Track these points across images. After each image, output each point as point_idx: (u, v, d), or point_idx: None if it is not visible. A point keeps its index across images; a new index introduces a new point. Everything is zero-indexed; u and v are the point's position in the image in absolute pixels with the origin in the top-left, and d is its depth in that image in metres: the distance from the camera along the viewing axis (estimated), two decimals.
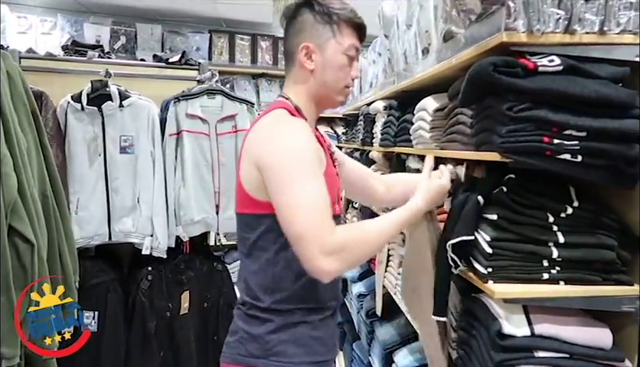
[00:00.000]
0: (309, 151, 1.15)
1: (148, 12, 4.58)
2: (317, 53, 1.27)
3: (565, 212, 1.19)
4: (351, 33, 1.29)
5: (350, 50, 1.29)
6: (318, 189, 1.10)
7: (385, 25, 2.21)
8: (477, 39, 1.22)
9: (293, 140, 1.15)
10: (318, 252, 1.04)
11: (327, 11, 1.27)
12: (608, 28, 1.10)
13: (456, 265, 1.29)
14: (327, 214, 1.09)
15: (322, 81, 1.29)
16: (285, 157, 1.13)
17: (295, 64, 1.30)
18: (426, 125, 1.65)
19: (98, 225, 2.42)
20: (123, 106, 2.42)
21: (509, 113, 1.08)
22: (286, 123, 1.22)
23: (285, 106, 1.27)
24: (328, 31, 1.27)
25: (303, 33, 1.28)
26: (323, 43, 1.27)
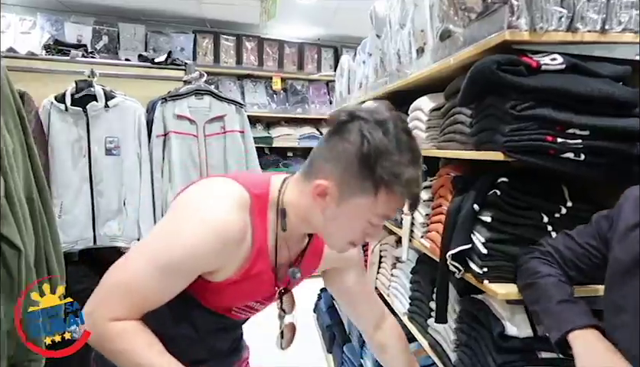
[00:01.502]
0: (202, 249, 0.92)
1: (130, 12, 4.50)
2: (333, 198, 0.94)
3: (559, 212, 1.20)
4: (393, 206, 0.95)
5: (376, 219, 0.97)
6: (159, 283, 0.92)
7: (377, 25, 2.19)
8: (477, 38, 1.21)
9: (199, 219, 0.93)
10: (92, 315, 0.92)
11: (374, 163, 0.89)
12: (610, 27, 1.10)
13: (459, 271, 1.28)
14: (137, 304, 0.92)
15: (325, 224, 0.99)
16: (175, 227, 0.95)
17: (308, 182, 0.98)
18: (422, 125, 1.64)
19: (82, 229, 2.36)
20: (109, 107, 2.37)
21: (512, 112, 1.07)
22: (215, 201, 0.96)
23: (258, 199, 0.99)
24: (365, 186, 0.92)
25: (333, 164, 0.94)
26: (349, 194, 0.93)
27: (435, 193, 1.57)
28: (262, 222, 1.00)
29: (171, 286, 0.94)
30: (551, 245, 1.11)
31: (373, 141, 0.89)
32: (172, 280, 0.93)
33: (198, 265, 0.95)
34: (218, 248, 0.92)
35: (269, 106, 5.11)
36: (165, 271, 0.91)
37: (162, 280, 0.92)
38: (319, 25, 4.99)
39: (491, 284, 1.17)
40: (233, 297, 1.05)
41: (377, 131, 0.89)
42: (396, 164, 0.89)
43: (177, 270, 0.92)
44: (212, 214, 0.92)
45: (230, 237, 0.93)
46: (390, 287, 2.09)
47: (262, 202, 1.00)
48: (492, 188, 1.20)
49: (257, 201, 0.99)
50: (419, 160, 0.94)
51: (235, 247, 0.95)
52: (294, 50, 5.28)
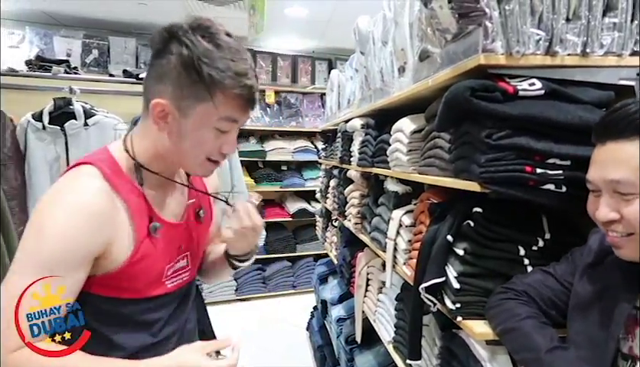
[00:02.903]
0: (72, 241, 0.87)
1: (121, 25, 4.46)
2: (174, 116, 0.94)
3: (537, 245, 1.13)
4: (231, 104, 0.94)
5: (222, 124, 0.95)
6: None
7: (361, 41, 2.14)
8: (454, 59, 1.14)
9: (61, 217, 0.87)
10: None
11: (200, 65, 0.89)
12: (592, 50, 1.04)
13: (433, 304, 1.21)
14: None
15: (176, 148, 0.97)
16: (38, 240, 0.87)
17: (147, 114, 0.97)
18: (403, 148, 1.57)
19: None
20: (88, 125, 2.31)
21: (488, 141, 1.00)
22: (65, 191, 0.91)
23: (102, 164, 0.95)
24: (199, 92, 0.91)
25: (163, 82, 0.93)
26: (186, 106, 0.93)
27: (417, 219, 1.50)
28: (127, 184, 0.96)
29: None
30: (526, 283, 1.04)
31: (193, 45, 0.89)
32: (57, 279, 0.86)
33: (79, 255, 0.89)
34: (89, 227, 0.88)
35: (263, 119, 5.05)
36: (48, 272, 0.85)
37: None
38: (313, 38, 4.95)
39: (465, 320, 1.11)
40: (149, 270, 0.99)
41: (195, 36, 0.90)
42: (221, 59, 0.90)
43: (59, 268, 0.86)
44: (70, 199, 0.88)
45: (97, 212, 0.89)
46: (377, 312, 2.01)
47: (111, 166, 0.96)
48: (467, 218, 1.13)
49: (101, 163, 0.95)
50: (244, 55, 0.94)
51: (109, 221, 0.91)
52: (287, 63, 5.24)
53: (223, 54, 0.91)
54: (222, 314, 3.81)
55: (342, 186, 2.77)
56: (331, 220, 3.46)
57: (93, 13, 4.17)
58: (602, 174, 0.83)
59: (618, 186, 0.80)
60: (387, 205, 1.87)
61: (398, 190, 1.81)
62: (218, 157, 1.01)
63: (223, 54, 0.90)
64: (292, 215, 4.97)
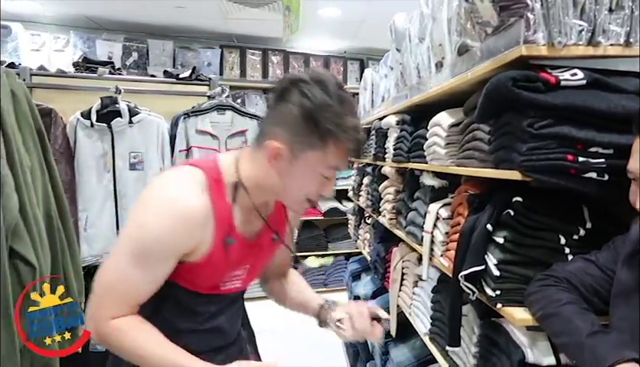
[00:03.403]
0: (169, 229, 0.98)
1: (159, 28, 4.61)
2: (286, 158, 1.02)
3: (578, 234, 1.14)
4: (340, 154, 1.02)
5: (328, 171, 1.04)
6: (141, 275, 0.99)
7: (397, 39, 2.17)
8: (494, 52, 1.17)
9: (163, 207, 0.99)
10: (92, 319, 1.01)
11: (317, 117, 0.98)
12: (635, 40, 1.05)
13: (473, 292, 1.23)
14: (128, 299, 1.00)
15: (281, 185, 1.06)
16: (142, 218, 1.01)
17: (259, 148, 1.05)
18: (441, 141, 1.59)
19: (107, 243, 2.40)
20: (133, 122, 2.41)
21: (530, 130, 1.02)
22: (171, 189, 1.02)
23: (211, 172, 1.05)
24: (313, 141, 1.00)
25: (281, 126, 1.02)
26: (299, 151, 1.01)
27: (454, 211, 1.52)
28: (222, 199, 1.06)
29: (151, 275, 1.01)
30: (568, 270, 1.05)
31: (314, 97, 0.98)
32: (150, 269, 1.00)
33: (169, 251, 1.01)
34: (183, 231, 0.99)
35: None
36: (141, 263, 0.98)
37: (141, 272, 0.99)
38: (345, 38, 5.00)
39: (506, 307, 1.13)
40: (212, 273, 1.10)
41: (315, 89, 0.99)
42: (337, 114, 0.99)
43: (151, 259, 0.99)
44: (172, 201, 0.99)
45: (192, 219, 1.00)
46: (412, 305, 2.04)
47: (215, 175, 1.06)
48: (507, 207, 1.15)
49: (211, 174, 1.05)
50: (354, 110, 1.04)
51: (200, 227, 1.02)
52: (320, 63, 5.30)
53: (339, 109, 0.99)
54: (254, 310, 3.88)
55: (376, 183, 2.80)
56: (364, 217, 3.49)
57: (132, 17, 4.33)
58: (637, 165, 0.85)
59: None
60: (424, 199, 1.89)
61: (435, 184, 1.84)
62: (316, 198, 1.10)
63: (338, 109, 0.99)
64: (323, 213, 5.02)
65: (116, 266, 1.00)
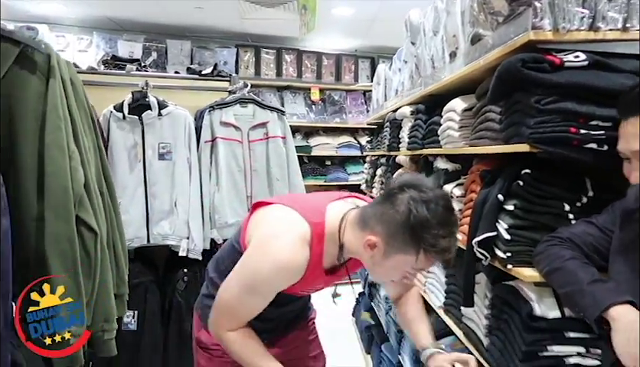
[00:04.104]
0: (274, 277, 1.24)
1: (177, 29, 4.77)
2: (380, 251, 1.19)
3: (580, 201, 1.26)
4: (428, 264, 1.20)
5: (412, 271, 1.23)
6: (250, 303, 1.28)
7: (412, 33, 2.30)
8: (504, 39, 1.30)
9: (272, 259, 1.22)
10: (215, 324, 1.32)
11: (417, 232, 1.12)
12: (631, 25, 1.18)
13: (485, 257, 1.36)
14: (239, 319, 1.30)
15: (372, 267, 1.26)
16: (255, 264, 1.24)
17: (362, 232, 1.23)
18: (455, 125, 1.72)
19: (137, 228, 2.54)
20: (162, 115, 2.56)
21: (537, 106, 1.15)
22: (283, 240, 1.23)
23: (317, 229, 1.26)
24: (407, 248, 1.15)
25: (383, 225, 1.17)
26: (392, 250, 1.17)
27: (467, 189, 1.65)
28: (319, 248, 1.27)
29: (259, 304, 1.29)
30: (571, 232, 1.18)
31: (418, 216, 1.12)
32: (257, 300, 1.28)
33: (274, 290, 1.28)
34: (288, 277, 1.26)
35: (308, 116, 5.27)
36: (251, 295, 1.27)
37: (251, 301, 1.28)
38: (356, 37, 5.13)
39: (516, 267, 1.25)
40: (295, 290, 1.35)
41: (422, 207, 1.13)
42: (435, 236, 1.12)
43: (259, 294, 1.27)
44: (283, 256, 1.22)
45: (296, 270, 1.25)
46: (427, 283, 2.16)
47: (319, 231, 1.27)
48: (516, 179, 1.28)
49: (315, 230, 1.26)
50: (454, 232, 1.17)
51: (296, 274, 1.26)
52: (332, 62, 5.45)
53: (437, 230, 1.12)
54: None
55: (390, 173, 2.93)
56: None
57: (152, 18, 4.50)
58: (628, 146, 0.98)
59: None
60: (438, 182, 2.02)
61: (448, 168, 1.97)
62: (399, 281, 1.37)
63: (437, 230, 1.12)
64: None
65: (233, 292, 1.27)
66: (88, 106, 1.49)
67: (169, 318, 2.64)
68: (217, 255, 1.52)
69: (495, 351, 1.37)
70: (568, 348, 1.21)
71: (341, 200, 1.38)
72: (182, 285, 2.66)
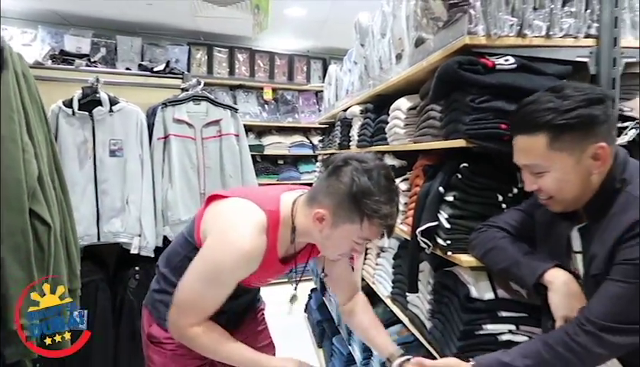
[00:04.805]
0: (236, 266, 1.27)
1: (128, 25, 4.69)
2: (328, 223, 1.26)
3: (512, 192, 1.39)
4: (373, 232, 1.26)
5: (359, 241, 1.28)
6: (213, 295, 1.30)
7: (361, 35, 2.40)
8: (444, 43, 1.41)
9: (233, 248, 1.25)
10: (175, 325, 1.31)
11: (359, 200, 1.20)
12: (554, 33, 1.31)
13: (428, 246, 1.46)
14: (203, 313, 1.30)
15: (322, 241, 1.32)
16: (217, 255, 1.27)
17: (311, 208, 1.29)
18: (401, 123, 1.83)
19: (87, 226, 2.51)
20: (113, 111, 2.54)
21: (472, 104, 1.27)
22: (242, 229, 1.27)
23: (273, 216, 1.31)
24: (352, 217, 1.23)
25: (329, 198, 1.25)
26: (338, 221, 1.25)
27: (412, 183, 1.76)
28: (275, 234, 1.33)
29: (222, 295, 1.31)
30: (500, 218, 1.31)
31: (360, 184, 1.21)
32: (221, 290, 1.30)
33: (237, 279, 1.31)
34: (248, 266, 1.29)
35: (261, 116, 5.30)
36: (212, 287, 1.29)
37: (212, 293, 1.30)
38: (308, 38, 5.21)
39: (455, 254, 1.36)
40: (250, 281, 1.39)
41: (364, 176, 1.21)
42: (377, 203, 1.21)
43: (223, 285, 1.30)
44: (243, 244, 1.25)
45: (256, 258, 1.29)
46: (375, 274, 2.26)
47: (274, 218, 1.32)
48: (455, 173, 1.39)
49: (271, 217, 1.31)
50: (394, 200, 1.26)
51: (255, 261, 1.30)
52: (284, 62, 5.50)
53: (379, 196, 1.21)
54: None
55: None
56: None
57: (101, 13, 4.40)
58: (518, 160, 1.11)
59: (529, 168, 1.09)
60: None
61: (395, 164, 2.07)
62: (348, 255, 1.40)
63: (378, 196, 1.21)
64: None
65: (193, 287, 1.29)
66: (40, 100, 1.48)
67: (120, 317, 2.62)
68: (169, 250, 1.52)
69: (437, 332, 1.47)
70: (501, 326, 1.33)
71: (293, 191, 1.44)
72: (134, 283, 2.64)
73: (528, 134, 1.06)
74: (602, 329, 0.99)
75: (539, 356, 1.04)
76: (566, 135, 1.02)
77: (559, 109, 1.02)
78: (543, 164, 1.06)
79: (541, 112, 1.03)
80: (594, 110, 1.02)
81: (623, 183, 1.05)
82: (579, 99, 1.02)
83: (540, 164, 1.06)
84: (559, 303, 1.10)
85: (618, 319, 0.98)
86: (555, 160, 1.04)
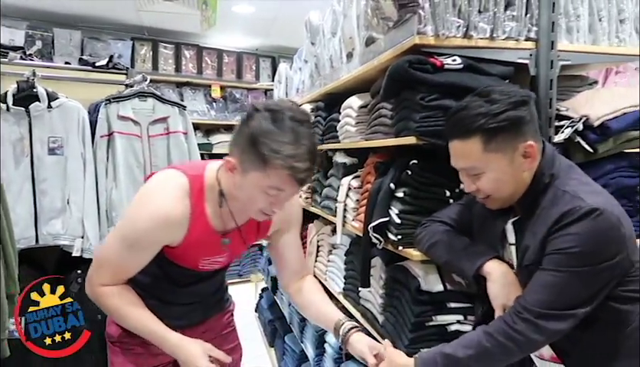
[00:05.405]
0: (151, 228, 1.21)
1: (66, 17, 4.47)
2: (239, 172, 1.18)
3: (458, 188, 1.44)
4: (280, 178, 1.13)
5: (271, 191, 1.16)
6: (130, 257, 1.25)
7: (312, 33, 2.41)
8: (394, 43, 1.44)
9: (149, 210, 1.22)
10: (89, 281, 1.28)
11: (258, 143, 1.11)
12: (497, 35, 1.37)
13: (380, 241, 1.49)
14: (117, 274, 1.26)
15: (238, 196, 1.24)
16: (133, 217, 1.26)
17: None
18: (352, 121, 1.85)
19: (24, 228, 2.37)
20: (52, 107, 2.42)
21: (422, 102, 1.30)
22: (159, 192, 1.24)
23: (196, 181, 1.25)
24: (256, 163, 1.13)
25: (237, 145, 1.18)
26: (246, 169, 1.16)
27: (364, 180, 1.78)
28: (200, 199, 1.27)
29: (138, 259, 1.27)
30: (443, 213, 1.36)
31: (259, 125, 1.12)
32: (137, 254, 1.26)
33: (151, 242, 1.26)
34: (167, 230, 1.24)
35: (209, 114, 5.21)
36: (130, 249, 1.24)
37: (130, 256, 1.25)
38: (257, 36, 5.18)
39: (405, 248, 1.40)
40: (190, 256, 1.33)
41: (266, 118, 1.13)
42: (279, 143, 1.10)
43: (138, 247, 1.25)
44: (159, 206, 1.22)
45: (175, 222, 1.24)
46: (327, 271, 2.28)
47: (198, 183, 1.26)
48: (406, 169, 1.43)
49: (194, 182, 1.26)
50: (301, 140, 1.12)
51: (177, 225, 1.25)
52: (232, 59, 5.43)
53: (281, 137, 1.10)
54: None
55: None
56: None
57: (36, 4, 4.17)
58: (455, 163, 1.17)
59: (467, 170, 1.14)
60: (337, 175, 2.15)
61: (346, 162, 2.10)
62: (269, 211, 1.23)
63: (281, 137, 1.10)
64: None
65: (109, 247, 1.28)
66: None
67: None
68: None
69: (389, 325, 1.51)
70: (450, 317, 1.38)
71: None
72: (76, 287, 2.50)
73: (463, 139, 1.11)
74: (538, 316, 1.04)
75: (480, 346, 1.08)
76: (498, 137, 1.08)
77: (489, 113, 1.07)
78: (480, 165, 1.11)
79: (473, 117, 1.08)
80: (520, 112, 1.08)
81: (551, 177, 1.12)
82: (506, 102, 1.08)
83: (476, 166, 1.12)
84: (497, 292, 1.15)
85: (552, 305, 1.04)
86: (490, 161, 1.10)
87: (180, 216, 1.23)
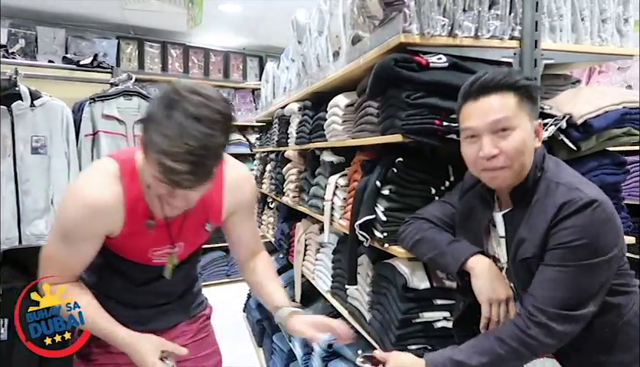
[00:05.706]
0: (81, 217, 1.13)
1: (49, 15, 4.41)
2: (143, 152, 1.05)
3: (444, 185, 1.46)
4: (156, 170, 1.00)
5: (155, 180, 1.03)
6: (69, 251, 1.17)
7: (298, 32, 2.40)
8: (380, 41, 1.44)
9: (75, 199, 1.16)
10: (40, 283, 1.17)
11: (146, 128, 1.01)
12: (482, 34, 1.38)
13: (366, 239, 1.49)
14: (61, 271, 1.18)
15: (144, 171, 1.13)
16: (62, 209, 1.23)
17: None
18: (339, 119, 1.85)
19: (7, 229, 2.34)
20: (35, 106, 2.39)
21: (407, 100, 1.31)
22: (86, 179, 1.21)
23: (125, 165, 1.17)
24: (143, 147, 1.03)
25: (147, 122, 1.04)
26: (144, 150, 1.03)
27: (351, 178, 1.79)
28: (134, 182, 1.16)
29: (77, 252, 1.20)
30: (427, 210, 1.35)
31: (153, 106, 1.01)
32: (76, 247, 1.19)
33: (85, 233, 1.17)
34: (100, 218, 1.15)
35: None
36: (66, 243, 1.17)
37: (68, 249, 1.18)
38: (244, 35, 5.16)
39: (392, 246, 1.40)
40: (136, 247, 1.24)
41: (163, 102, 0.99)
42: (156, 132, 0.96)
43: (72, 239, 1.17)
44: (87, 193, 1.15)
45: (107, 208, 1.15)
46: (315, 270, 2.28)
47: (129, 166, 1.17)
48: (392, 167, 1.43)
49: (125, 166, 1.17)
50: (184, 138, 0.95)
51: (110, 212, 1.16)
52: (219, 59, 5.41)
53: (163, 129, 0.96)
54: None
55: (280, 168, 3.02)
56: (267, 203, 3.69)
57: (19, 1, 4.11)
58: (483, 120, 1.09)
59: (498, 124, 1.08)
60: (324, 174, 2.15)
61: (333, 160, 2.10)
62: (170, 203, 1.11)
63: (163, 129, 0.96)
64: None
65: (51, 244, 1.21)
66: None
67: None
68: None
69: (376, 323, 1.51)
70: (436, 313, 1.39)
71: None
72: None
73: (499, 93, 1.09)
74: (552, 319, 1.03)
75: (493, 353, 1.06)
76: (526, 101, 1.10)
77: (520, 76, 1.11)
78: (513, 120, 1.08)
79: (507, 75, 1.10)
80: None
81: (542, 171, 1.13)
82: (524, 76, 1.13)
83: (510, 117, 1.08)
84: (482, 287, 1.15)
85: (566, 303, 1.03)
86: (521, 119, 1.09)
87: (111, 202, 1.14)
